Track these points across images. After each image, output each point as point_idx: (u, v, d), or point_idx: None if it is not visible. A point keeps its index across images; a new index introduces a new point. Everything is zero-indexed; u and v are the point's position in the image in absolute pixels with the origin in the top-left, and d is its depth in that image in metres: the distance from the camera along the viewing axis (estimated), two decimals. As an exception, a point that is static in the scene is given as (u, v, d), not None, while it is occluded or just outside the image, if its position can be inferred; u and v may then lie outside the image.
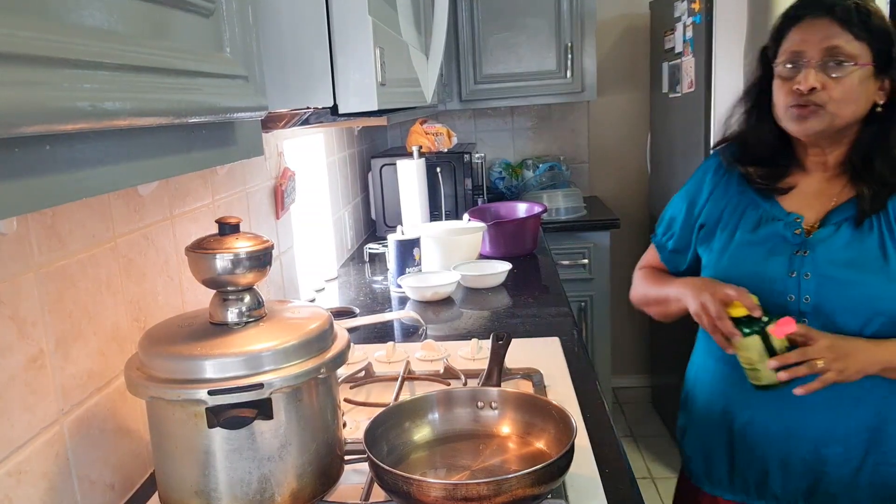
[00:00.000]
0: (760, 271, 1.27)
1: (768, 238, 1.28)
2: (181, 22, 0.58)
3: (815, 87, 1.18)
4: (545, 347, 1.59)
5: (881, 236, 1.20)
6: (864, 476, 1.26)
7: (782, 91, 1.24)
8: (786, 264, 1.25)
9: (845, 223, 1.24)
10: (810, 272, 1.23)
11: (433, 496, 0.87)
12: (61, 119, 0.39)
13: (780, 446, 1.29)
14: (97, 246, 1.04)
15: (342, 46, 0.89)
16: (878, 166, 1.21)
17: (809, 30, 1.20)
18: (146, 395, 0.88)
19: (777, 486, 1.31)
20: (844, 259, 1.21)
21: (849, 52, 1.17)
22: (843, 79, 1.18)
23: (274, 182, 1.86)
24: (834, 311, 1.21)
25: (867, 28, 1.18)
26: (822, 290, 1.22)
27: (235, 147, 0.72)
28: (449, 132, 2.92)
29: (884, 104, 1.22)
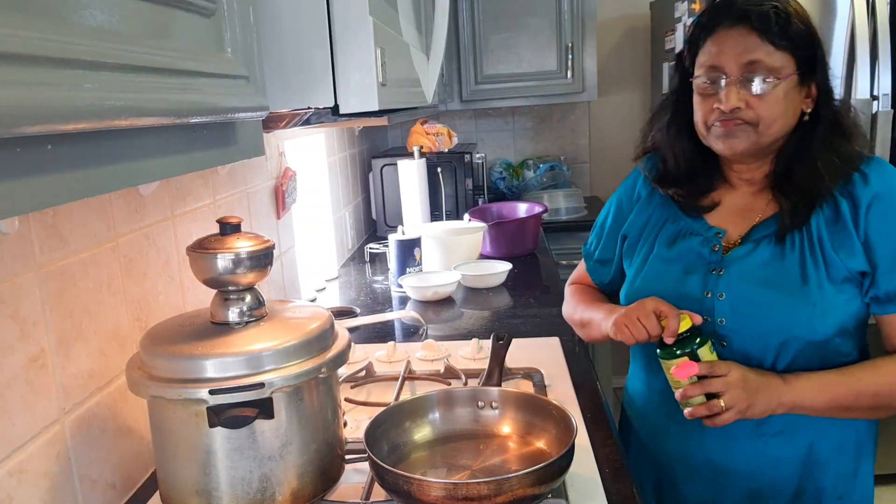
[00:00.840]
0: (675, 291, 1.17)
1: (684, 254, 1.20)
2: (182, 22, 0.58)
3: (739, 106, 1.09)
4: (546, 347, 1.59)
5: (802, 254, 1.11)
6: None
7: (702, 108, 1.14)
8: (700, 284, 1.16)
9: (765, 240, 1.14)
10: (724, 292, 1.14)
11: (434, 495, 0.88)
12: (63, 119, 0.39)
13: (705, 482, 1.21)
14: (98, 245, 1.04)
15: (343, 47, 0.89)
16: (799, 177, 1.12)
17: (726, 41, 1.10)
18: (147, 395, 0.88)
19: None
20: (760, 278, 1.12)
21: (770, 65, 1.07)
22: (768, 94, 1.08)
23: (275, 182, 1.86)
24: (749, 334, 1.13)
25: (787, 35, 1.08)
26: (737, 312, 1.13)
27: (236, 147, 0.72)
28: (450, 132, 2.92)
29: (811, 112, 1.14)
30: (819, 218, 1.12)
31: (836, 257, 1.09)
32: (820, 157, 1.11)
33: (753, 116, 1.09)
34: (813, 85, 1.13)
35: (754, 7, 1.08)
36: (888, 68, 2.41)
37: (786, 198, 1.13)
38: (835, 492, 1.18)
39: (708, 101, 1.13)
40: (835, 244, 1.10)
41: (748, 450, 1.17)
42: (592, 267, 1.42)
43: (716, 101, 1.11)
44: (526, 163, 3.70)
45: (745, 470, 1.18)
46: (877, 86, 2.42)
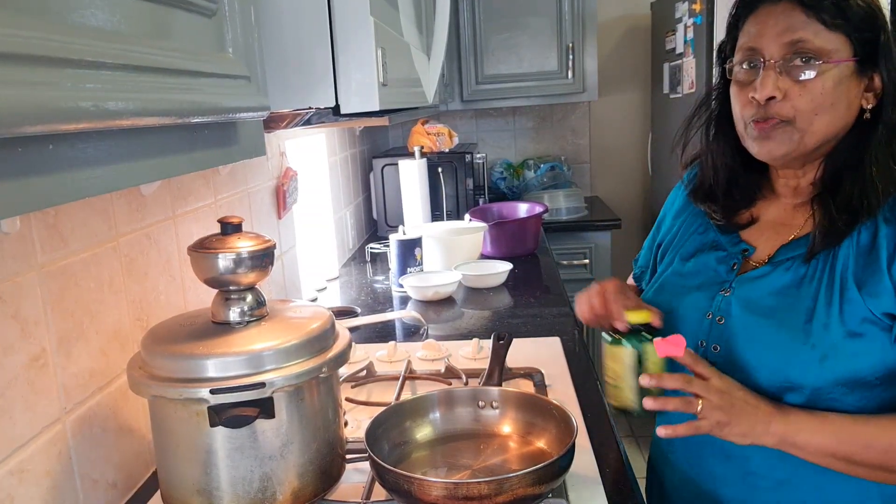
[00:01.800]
0: (680, 307, 1.06)
1: (700, 271, 1.07)
2: (183, 22, 0.58)
3: (775, 95, 0.92)
4: (546, 347, 1.59)
5: (818, 285, 0.94)
6: None
7: (739, 101, 0.99)
8: (705, 303, 1.03)
9: (788, 262, 0.98)
10: (725, 317, 1.00)
11: (434, 495, 0.88)
12: (64, 119, 0.39)
13: None
14: (99, 245, 1.04)
15: (344, 47, 0.89)
16: (847, 188, 0.94)
17: (768, 19, 0.93)
18: (148, 394, 0.88)
19: None
20: (766, 306, 0.95)
21: (818, 46, 0.90)
22: (813, 82, 0.91)
23: (276, 182, 1.87)
24: (740, 368, 0.97)
25: (843, 13, 0.90)
26: (734, 340, 0.99)
27: (237, 147, 0.73)
28: (450, 132, 2.92)
29: (872, 108, 0.94)
30: (851, 243, 0.94)
31: (858, 294, 0.91)
32: (875, 164, 0.92)
33: (790, 110, 0.92)
34: (876, 76, 0.94)
35: None
36: (889, 68, 2.40)
37: (825, 211, 0.95)
38: None
39: (745, 91, 0.96)
40: (859, 278, 0.92)
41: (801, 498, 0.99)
42: (637, 274, 1.32)
43: (752, 89, 0.95)
44: (526, 163, 3.70)
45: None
46: (877, 86, 2.42)
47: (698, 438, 0.95)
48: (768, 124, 0.94)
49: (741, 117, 0.99)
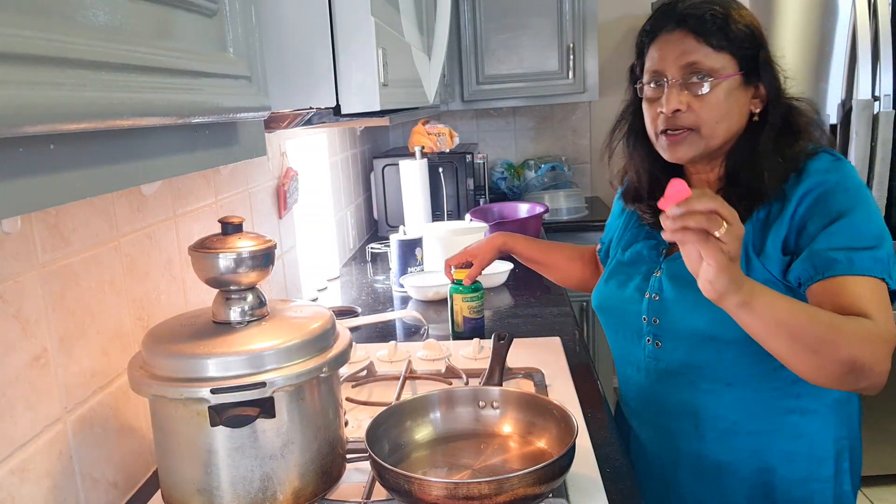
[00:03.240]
0: (621, 290, 1.24)
1: (635, 259, 1.25)
2: (184, 22, 0.58)
3: (680, 108, 1.09)
4: (547, 347, 1.59)
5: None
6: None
7: (650, 114, 1.16)
8: (643, 285, 1.21)
9: None
10: (658, 293, 1.17)
11: (434, 495, 0.88)
12: (65, 119, 0.39)
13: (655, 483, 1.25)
14: (100, 245, 1.04)
15: (345, 47, 0.89)
16: (744, 179, 1.11)
17: (666, 46, 1.11)
18: (149, 394, 0.88)
19: None
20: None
21: (708, 66, 1.08)
22: (708, 95, 1.08)
23: (277, 182, 1.87)
24: (679, 334, 1.13)
25: (726, 36, 1.08)
26: (668, 311, 1.15)
27: (238, 147, 0.73)
28: (451, 132, 2.92)
29: (759, 112, 1.13)
30: (751, 220, 1.10)
31: (758, 260, 1.08)
32: (765, 158, 1.10)
33: (695, 120, 1.10)
34: (760, 85, 1.12)
35: (692, 11, 1.10)
36: (889, 69, 2.41)
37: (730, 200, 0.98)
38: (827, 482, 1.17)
39: (654, 107, 1.14)
40: (756, 247, 1.09)
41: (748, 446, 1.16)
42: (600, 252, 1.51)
43: (659, 105, 1.12)
44: (527, 163, 3.70)
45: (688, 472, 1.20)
46: (878, 87, 2.42)
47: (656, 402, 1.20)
48: (678, 135, 1.12)
49: (652, 129, 1.17)
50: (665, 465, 1.24)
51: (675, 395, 1.18)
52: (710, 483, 1.19)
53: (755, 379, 1.13)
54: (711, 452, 1.17)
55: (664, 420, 1.22)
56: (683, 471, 1.21)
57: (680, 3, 1.12)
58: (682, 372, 1.16)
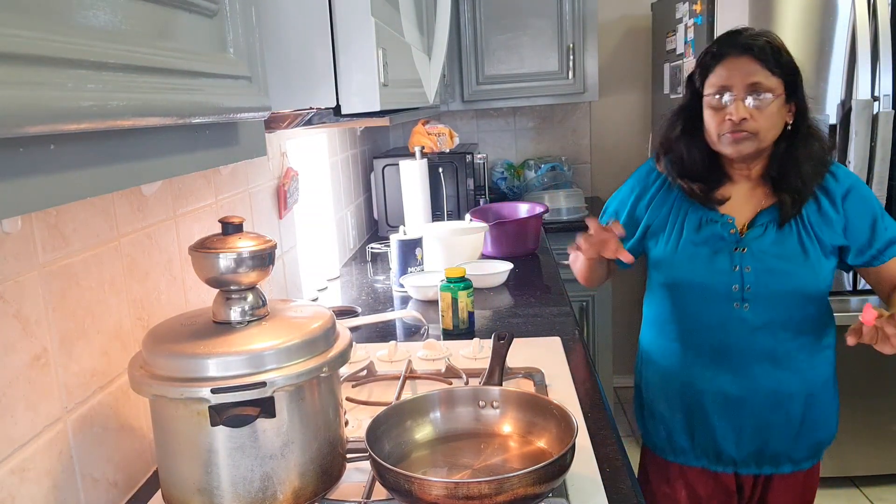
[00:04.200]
0: (709, 266, 1.48)
1: (710, 238, 1.49)
2: (185, 23, 0.58)
3: (746, 117, 1.38)
4: (546, 347, 1.59)
5: (799, 235, 1.44)
6: (802, 437, 1.52)
7: (715, 120, 1.43)
8: (728, 260, 1.47)
9: (769, 224, 1.46)
10: (750, 266, 1.45)
11: (434, 494, 0.88)
12: (65, 119, 0.40)
13: (733, 415, 1.52)
14: (101, 245, 1.05)
15: (345, 47, 0.89)
16: (793, 179, 1.43)
17: (733, 67, 1.40)
18: (149, 394, 0.89)
19: (733, 451, 1.54)
20: (774, 253, 1.44)
21: (768, 86, 1.38)
22: (766, 109, 1.39)
23: (277, 182, 1.87)
24: (771, 296, 1.45)
25: (779, 64, 1.39)
26: (760, 280, 1.45)
27: (239, 147, 0.73)
28: (451, 133, 2.92)
29: (792, 123, 1.44)
30: (808, 208, 1.45)
31: (824, 237, 1.44)
32: (804, 162, 1.43)
33: (755, 127, 1.39)
34: (794, 103, 1.43)
35: (754, 41, 1.39)
36: (889, 69, 2.41)
37: (784, 193, 1.44)
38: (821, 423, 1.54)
39: (720, 114, 1.42)
40: (822, 227, 1.44)
41: (766, 389, 1.49)
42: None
43: (727, 113, 1.40)
44: (527, 163, 3.70)
45: (762, 405, 1.50)
46: (878, 87, 2.42)
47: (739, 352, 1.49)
48: (740, 135, 1.41)
49: (716, 131, 1.44)
50: (738, 401, 1.51)
51: (757, 344, 1.47)
52: (778, 407, 1.50)
53: (817, 326, 1.50)
54: (783, 385, 1.49)
55: (746, 366, 1.49)
56: (759, 402, 1.50)
57: (743, 33, 1.42)
58: (766, 328, 1.46)
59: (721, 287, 1.46)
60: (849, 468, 2.75)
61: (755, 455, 1.54)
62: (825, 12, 2.43)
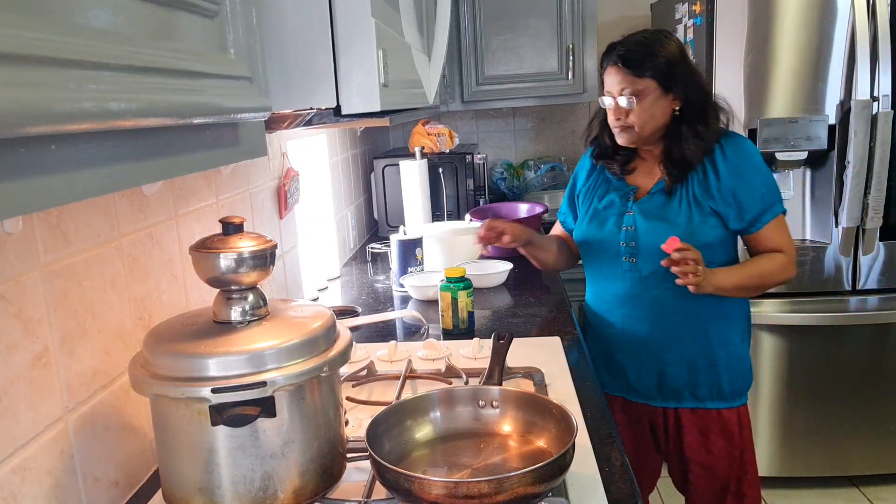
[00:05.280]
0: (603, 226, 1.73)
1: (609, 204, 1.75)
2: (185, 23, 0.58)
3: (620, 116, 1.64)
4: (546, 347, 1.60)
5: (681, 199, 1.66)
6: (699, 375, 1.70)
7: (609, 117, 1.70)
8: (618, 221, 1.71)
9: (659, 192, 1.68)
10: (634, 225, 1.68)
11: (434, 494, 0.88)
12: (66, 119, 0.40)
13: (634, 352, 1.74)
14: (102, 245, 1.05)
15: (345, 48, 0.90)
16: (675, 155, 1.65)
17: (610, 76, 1.65)
18: (150, 393, 0.89)
19: (637, 384, 1.76)
20: (657, 215, 1.67)
21: (634, 90, 1.60)
22: (636, 108, 1.62)
23: (277, 182, 1.87)
24: (650, 250, 1.64)
25: (646, 67, 1.59)
26: (642, 237, 1.67)
27: (239, 147, 0.73)
28: (451, 133, 2.92)
29: (680, 109, 1.64)
30: (693, 176, 1.66)
31: (703, 201, 1.65)
32: (686, 141, 1.64)
33: (631, 121, 1.64)
34: (675, 93, 1.63)
35: (622, 51, 1.62)
36: (888, 69, 2.41)
37: (668, 167, 1.67)
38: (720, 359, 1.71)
39: (610, 113, 1.69)
40: (701, 194, 1.65)
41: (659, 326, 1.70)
42: (561, 219, 1.93)
43: (612, 111, 1.67)
44: (527, 163, 3.70)
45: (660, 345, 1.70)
46: (877, 87, 2.42)
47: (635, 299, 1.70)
48: (621, 128, 1.66)
49: (612, 125, 1.70)
50: (637, 341, 1.72)
51: (647, 293, 1.69)
52: (671, 347, 1.70)
53: None
54: (674, 327, 1.69)
55: (640, 311, 1.71)
56: (653, 343, 1.71)
57: (619, 45, 1.64)
58: (652, 277, 1.66)
59: (612, 244, 1.71)
60: (849, 468, 2.75)
61: (657, 389, 1.74)
62: (824, 12, 2.43)
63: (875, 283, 2.60)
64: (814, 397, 2.66)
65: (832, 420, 2.70)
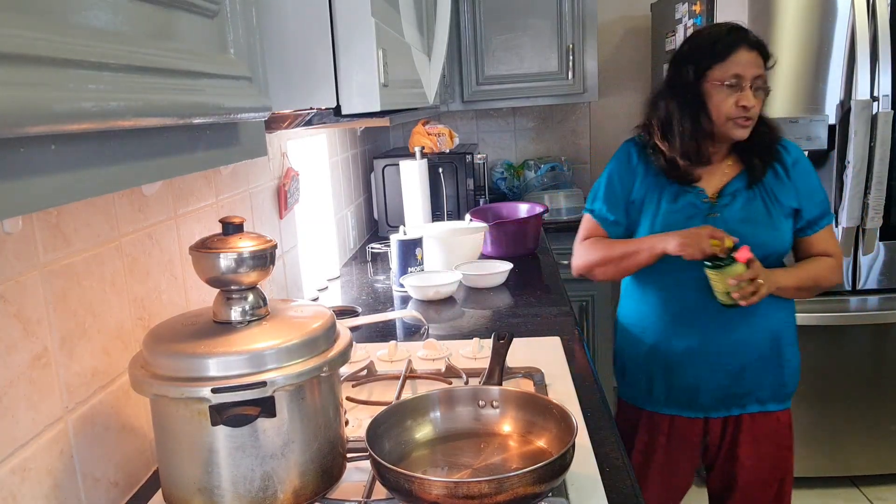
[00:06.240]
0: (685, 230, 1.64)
1: (686, 206, 1.67)
2: (185, 23, 0.58)
3: (753, 105, 1.57)
4: (546, 347, 1.60)
5: (763, 200, 1.64)
6: (769, 373, 1.69)
7: (726, 103, 1.59)
8: (702, 223, 1.62)
9: (737, 192, 1.65)
10: (722, 229, 1.58)
11: (435, 494, 0.88)
12: (66, 119, 0.40)
13: (710, 365, 1.67)
14: (102, 245, 1.05)
15: (345, 48, 0.90)
16: (759, 147, 1.64)
17: (746, 59, 1.57)
18: (150, 393, 0.89)
19: (705, 397, 1.70)
20: (741, 218, 1.63)
21: (765, 80, 1.59)
22: (762, 99, 1.60)
23: (277, 182, 1.87)
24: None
25: (770, 56, 1.61)
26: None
27: (239, 147, 0.73)
28: (451, 133, 2.92)
29: None
30: (768, 175, 1.65)
31: (783, 199, 1.65)
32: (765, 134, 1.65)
33: (755, 114, 1.59)
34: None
35: (758, 41, 1.59)
36: (888, 70, 2.41)
37: (754, 158, 1.65)
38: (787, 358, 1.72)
39: (730, 99, 1.58)
40: (780, 191, 1.65)
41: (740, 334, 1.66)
42: (611, 227, 1.77)
43: (738, 99, 1.57)
44: (527, 163, 3.70)
45: (737, 350, 1.67)
46: (877, 87, 2.42)
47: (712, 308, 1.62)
48: (747, 122, 1.60)
49: (724, 114, 1.60)
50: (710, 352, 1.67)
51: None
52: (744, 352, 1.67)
53: None
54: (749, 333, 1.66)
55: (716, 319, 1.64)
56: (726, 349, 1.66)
57: (750, 33, 1.60)
58: None
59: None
60: (849, 468, 2.76)
61: (723, 399, 1.69)
62: (824, 12, 2.43)
63: (875, 283, 2.61)
64: (814, 397, 2.66)
65: (832, 420, 2.70)
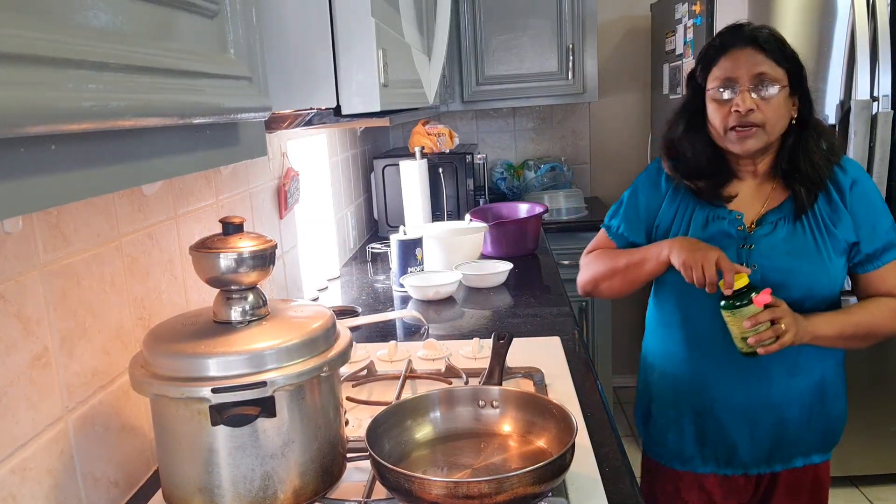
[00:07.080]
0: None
1: (717, 234, 1.45)
2: (185, 23, 0.58)
3: (752, 108, 1.35)
4: (546, 347, 1.60)
5: (812, 231, 1.40)
6: (813, 427, 1.48)
7: (720, 113, 1.40)
8: (734, 257, 1.42)
9: (781, 221, 1.43)
10: (756, 263, 1.41)
11: (435, 494, 0.88)
12: (66, 119, 0.40)
13: (748, 418, 1.47)
14: (102, 245, 1.05)
15: (345, 48, 0.90)
16: (805, 169, 1.40)
17: (738, 58, 1.38)
18: (150, 393, 0.89)
19: (746, 453, 1.50)
20: (784, 251, 1.40)
21: (774, 76, 1.36)
22: (773, 99, 1.36)
23: (277, 182, 1.87)
24: (776, 293, 1.35)
25: (784, 55, 1.37)
26: (768, 279, 1.40)
27: (239, 147, 0.73)
28: (451, 133, 2.92)
29: (797, 117, 1.42)
30: (820, 201, 1.41)
31: (837, 232, 1.40)
32: (815, 152, 1.40)
33: (762, 118, 1.36)
34: (797, 97, 1.41)
35: (758, 33, 1.38)
36: (888, 69, 2.41)
37: (797, 185, 1.41)
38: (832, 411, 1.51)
39: (724, 108, 1.39)
40: (834, 221, 1.40)
41: (779, 386, 1.45)
42: (624, 246, 1.59)
43: (732, 105, 1.37)
44: (527, 163, 3.70)
45: (776, 403, 1.45)
46: (877, 87, 2.42)
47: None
48: (747, 131, 1.38)
49: (721, 126, 1.41)
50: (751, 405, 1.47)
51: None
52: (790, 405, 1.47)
53: None
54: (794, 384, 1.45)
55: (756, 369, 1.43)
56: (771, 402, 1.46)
57: (746, 26, 1.40)
58: None
59: None
60: (849, 468, 2.75)
61: (767, 454, 1.49)
62: (824, 12, 2.43)
63: (875, 284, 2.60)
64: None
65: (832, 420, 2.70)
